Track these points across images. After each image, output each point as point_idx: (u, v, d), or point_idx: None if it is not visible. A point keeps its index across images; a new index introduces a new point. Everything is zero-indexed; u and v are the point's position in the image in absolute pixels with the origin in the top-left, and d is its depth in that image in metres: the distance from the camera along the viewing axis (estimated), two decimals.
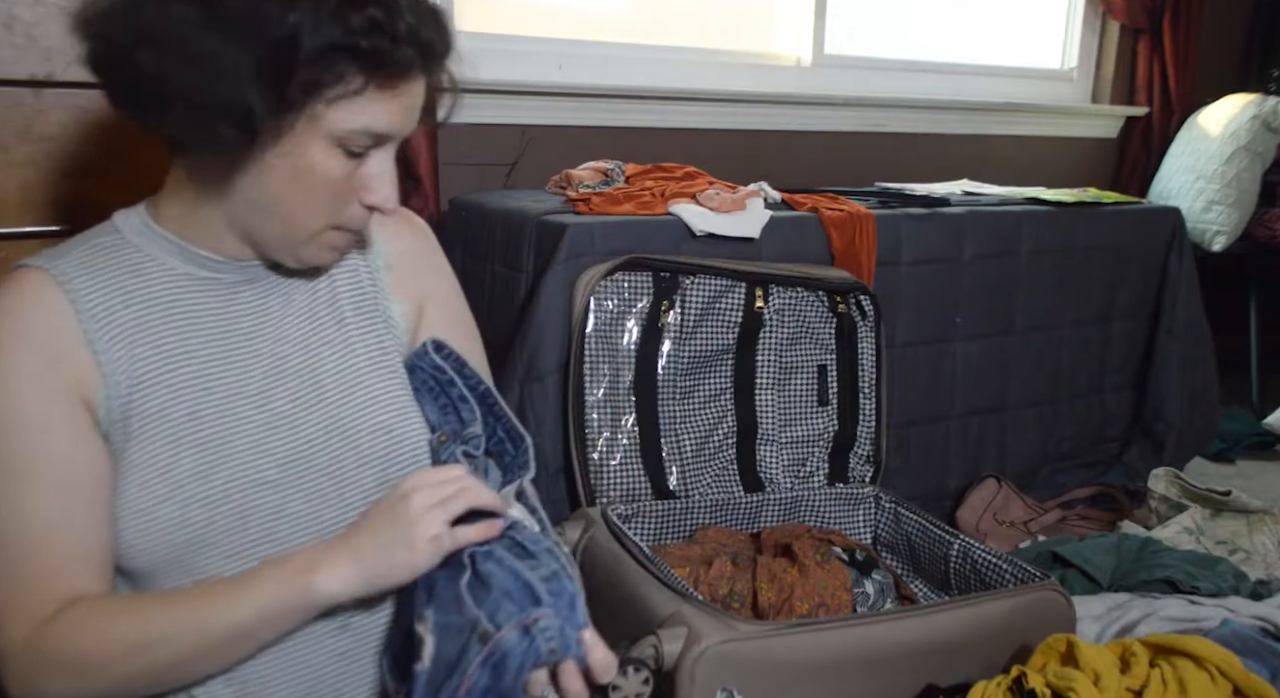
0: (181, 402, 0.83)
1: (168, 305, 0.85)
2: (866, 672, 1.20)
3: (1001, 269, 1.99)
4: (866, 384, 1.72)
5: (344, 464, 0.88)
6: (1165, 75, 2.92)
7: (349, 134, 0.79)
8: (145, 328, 0.84)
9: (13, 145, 1.24)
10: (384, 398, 0.91)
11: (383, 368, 0.93)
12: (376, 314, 0.96)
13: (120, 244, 0.86)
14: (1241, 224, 2.66)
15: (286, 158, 0.79)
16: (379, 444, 0.89)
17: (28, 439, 0.78)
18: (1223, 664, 1.13)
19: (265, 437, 0.85)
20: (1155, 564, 1.58)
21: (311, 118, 0.78)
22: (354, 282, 0.96)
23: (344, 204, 0.84)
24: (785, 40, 2.48)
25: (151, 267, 0.86)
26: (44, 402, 0.79)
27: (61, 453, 0.79)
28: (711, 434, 1.64)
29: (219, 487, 0.82)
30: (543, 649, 0.71)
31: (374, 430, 0.89)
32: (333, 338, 0.92)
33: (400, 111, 0.82)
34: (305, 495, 0.85)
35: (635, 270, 1.53)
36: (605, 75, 2.18)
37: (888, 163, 2.56)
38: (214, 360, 0.86)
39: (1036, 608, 1.28)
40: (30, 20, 1.22)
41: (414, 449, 0.91)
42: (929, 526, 1.56)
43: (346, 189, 0.83)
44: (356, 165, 0.82)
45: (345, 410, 0.89)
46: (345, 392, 0.90)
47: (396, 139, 0.84)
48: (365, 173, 0.83)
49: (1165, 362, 2.25)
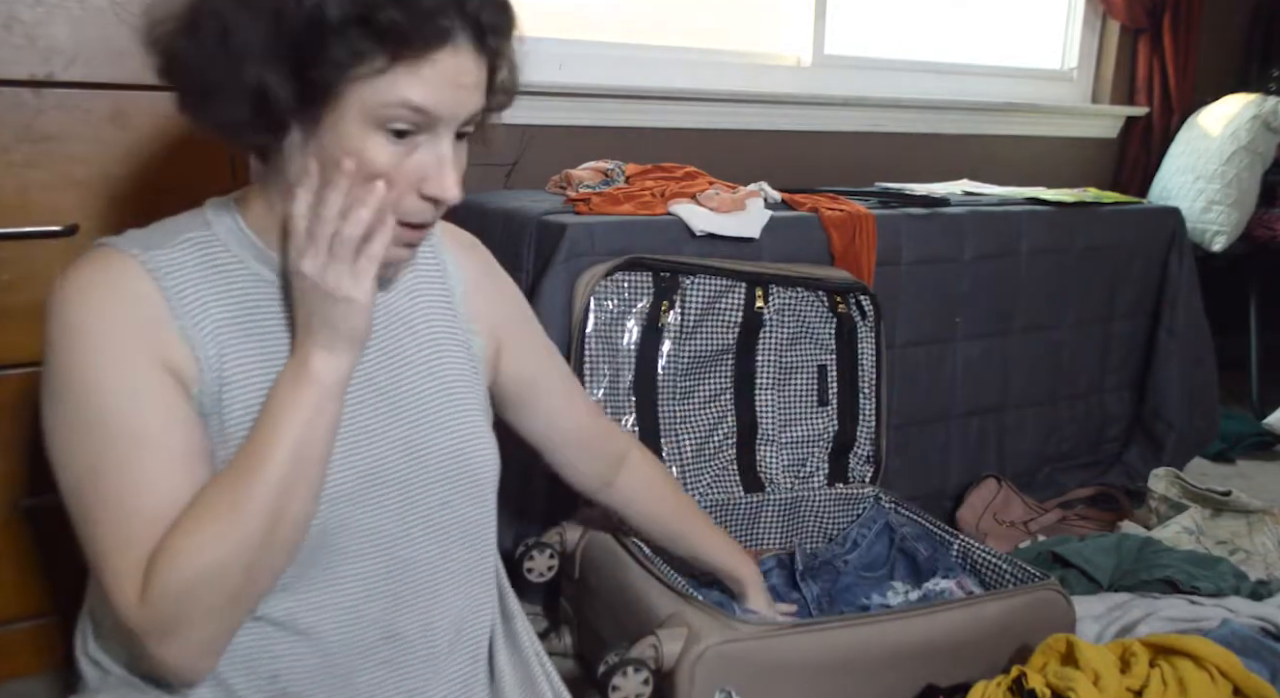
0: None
1: (252, 311, 0.83)
2: (866, 672, 1.20)
3: (1001, 269, 1.99)
4: (866, 384, 1.72)
5: (410, 484, 0.88)
6: (1165, 75, 2.92)
7: (384, 110, 0.75)
8: (234, 330, 0.82)
9: (13, 145, 1.24)
10: (454, 424, 0.92)
11: (458, 394, 0.93)
12: (455, 341, 0.95)
13: (211, 241, 0.84)
14: (1241, 224, 2.66)
15: (329, 146, 0.76)
16: (446, 467, 0.90)
17: (134, 406, 0.77)
18: (1223, 664, 1.13)
19: (349, 451, 0.84)
20: (1155, 564, 1.58)
21: (345, 99, 0.75)
22: (432, 304, 0.95)
23: (399, 195, 0.79)
24: (785, 40, 2.48)
25: (240, 270, 0.84)
26: (148, 372, 0.78)
27: (167, 422, 0.78)
28: (711, 434, 1.64)
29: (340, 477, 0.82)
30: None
31: (442, 454, 0.90)
32: (414, 358, 0.91)
33: (441, 86, 0.76)
34: (370, 510, 0.85)
35: (635, 270, 1.53)
36: (605, 75, 2.18)
37: (888, 163, 2.56)
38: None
39: (1036, 608, 1.28)
40: (30, 20, 1.22)
41: (477, 475, 0.93)
42: (929, 526, 1.56)
43: (400, 178, 0.78)
44: (408, 151, 0.78)
45: (418, 432, 0.89)
46: (420, 413, 0.90)
47: (450, 119, 0.79)
48: (420, 160, 0.79)
49: (1165, 362, 2.25)
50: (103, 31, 1.26)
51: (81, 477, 0.76)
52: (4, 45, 1.21)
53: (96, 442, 0.76)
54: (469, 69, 0.78)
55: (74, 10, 1.24)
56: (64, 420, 0.77)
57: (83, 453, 0.76)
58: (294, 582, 0.82)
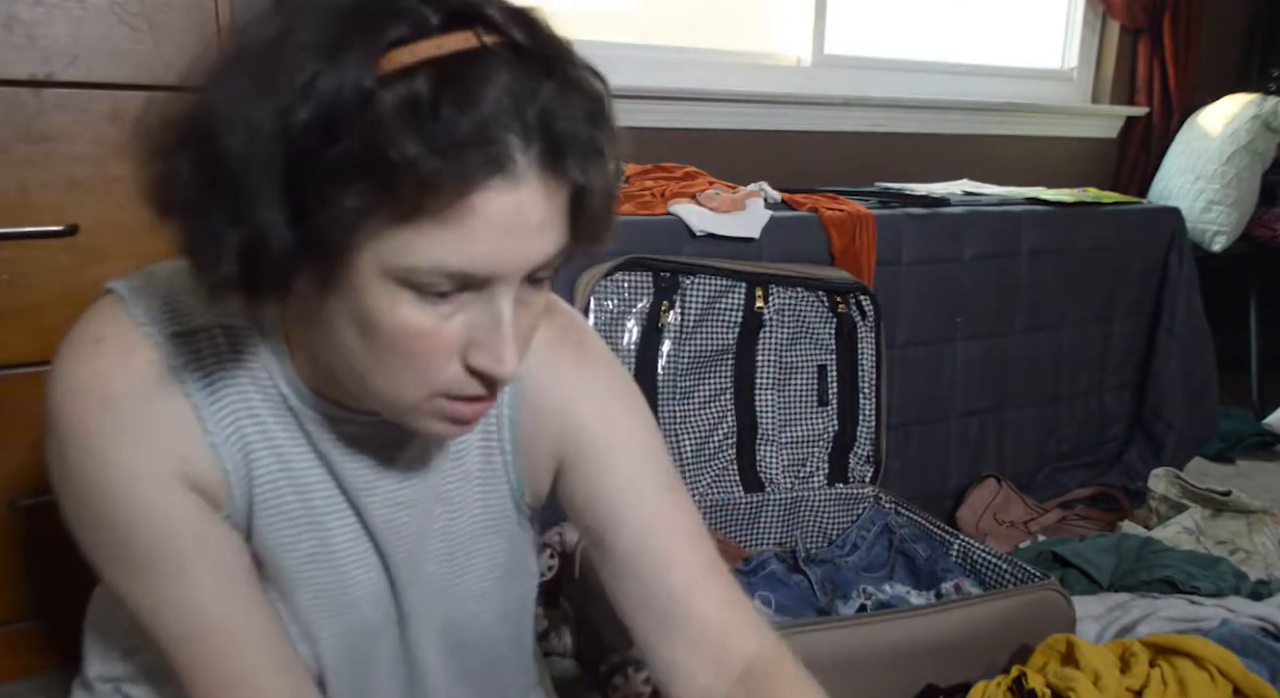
0: (304, 539, 0.73)
1: (285, 431, 0.71)
2: (866, 672, 1.19)
3: (1001, 269, 1.99)
4: (866, 384, 1.72)
5: (434, 624, 0.82)
6: (1165, 75, 2.92)
7: (410, 275, 0.56)
8: (265, 450, 0.70)
9: (13, 145, 1.24)
10: (486, 564, 0.81)
11: (495, 533, 0.81)
12: (500, 470, 0.80)
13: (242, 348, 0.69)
14: (1241, 224, 2.66)
15: (347, 304, 0.58)
16: (469, 608, 0.82)
17: (160, 529, 0.67)
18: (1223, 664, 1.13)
19: (378, 591, 0.77)
20: (1155, 564, 1.58)
21: (360, 250, 0.56)
22: (484, 427, 0.78)
23: (438, 367, 0.60)
24: (785, 40, 2.48)
25: (267, 383, 0.70)
26: (167, 491, 0.67)
27: (206, 541, 0.69)
28: (711, 434, 1.64)
29: (328, 637, 0.76)
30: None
31: (468, 597, 0.81)
32: (451, 494, 0.78)
33: (490, 237, 0.55)
34: (391, 646, 0.81)
35: (635, 270, 1.53)
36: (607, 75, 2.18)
37: (888, 163, 2.56)
38: (333, 498, 0.74)
39: (1036, 608, 1.28)
40: (30, 20, 1.22)
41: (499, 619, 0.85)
42: (929, 525, 1.56)
43: (438, 347, 0.59)
44: (449, 313, 0.59)
45: (441, 571, 0.80)
46: (449, 554, 0.79)
47: (509, 276, 0.58)
48: (468, 322, 0.59)
49: (1165, 362, 2.25)
50: (103, 31, 1.26)
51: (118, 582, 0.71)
52: (4, 45, 1.21)
53: (126, 564, 0.69)
54: (534, 205, 0.56)
55: (74, 10, 1.24)
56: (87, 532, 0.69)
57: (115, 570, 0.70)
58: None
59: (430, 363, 0.60)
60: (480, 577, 0.81)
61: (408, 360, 0.60)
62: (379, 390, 0.63)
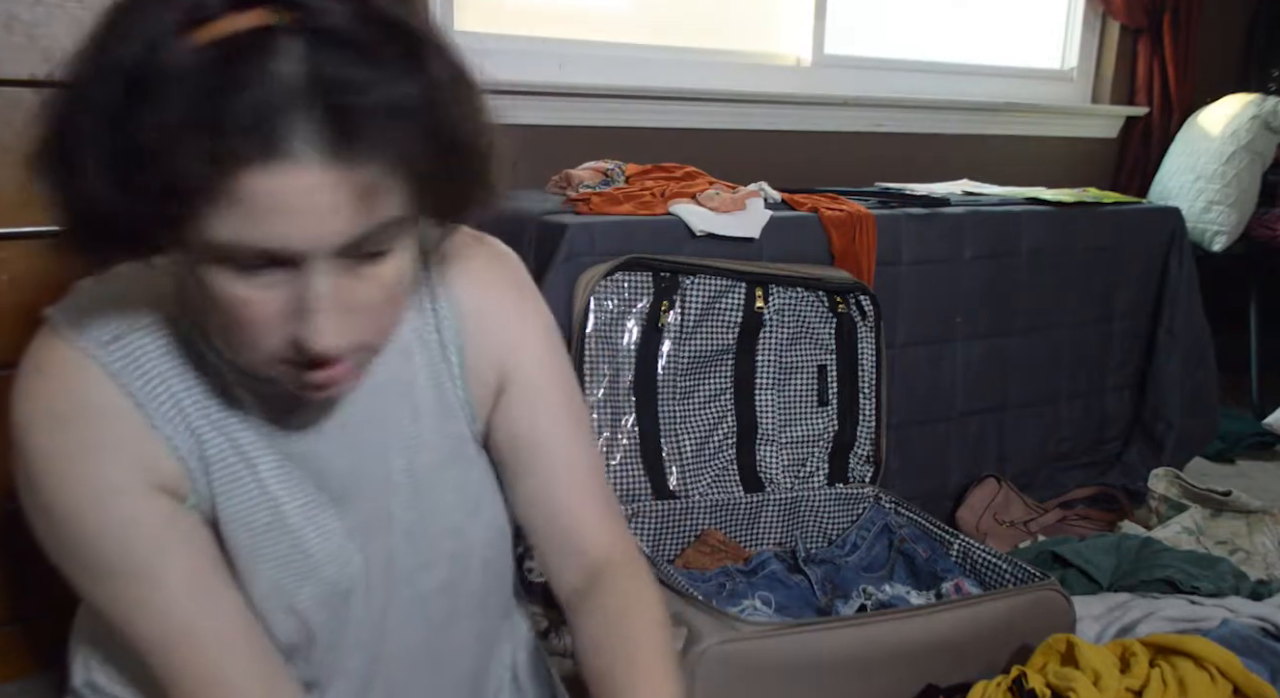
0: (259, 511, 0.75)
1: (228, 404, 0.73)
2: (866, 672, 1.20)
3: (1001, 269, 1.99)
4: (866, 384, 1.72)
5: (410, 567, 0.83)
6: (1165, 75, 2.92)
7: (214, 249, 0.58)
8: (210, 411, 0.73)
9: (13, 145, 1.24)
10: (454, 498, 0.83)
11: (457, 463, 0.84)
12: (452, 400, 0.83)
13: (178, 342, 0.72)
14: (1241, 224, 2.66)
15: (190, 270, 0.61)
16: (446, 546, 0.83)
17: (128, 538, 0.70)
18: (1223, 664, 1.13)
19: (337, 552, 0.78)
20: (1155, 564, 1.58)
21: (177, 222, 0.57)
22: (430, 365, 0.82)
23: (267, 335, 0.62)
24: (785, 40, 2.48)
25: (206, 368, 0.73)
26: (130, 498, 0.70)
27: (173, 545, 0.71)
28: (711, 434, 1.64)
29: (303, 601, 0.77)
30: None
31: (442, 533, 0.83)
32: (407, 432, 0.81)
33: (265, 220, 0.56)
34: (367, 600, 0.81)
35: (635, 270, 1.53)
36: (606, 75, 2.18)
37: (888, 163, 2.56)
38: (282, 467, 0.76)
39: (1036, 608, 1.28)
40: (30, 20, 1.22)
41: (481, 552, 0.86)
42: (929, 525, 1.56)
43: (261, 316, 0.61)
44: (268, 284, 0.60)
45: (412, 514, 0.81)
46: (415, 495, 0.81)
47: (310, 255, 0.58)
48: (287, 295, 0.60)
49: (1165, 362, 2.25)
50: None
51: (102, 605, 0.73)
52: (4, 45, 1.21)
53: (98, 576, 0.71)
54: (317, 187, 0.55)
55: (74, 10, 1.24)
56: (63, 553, 0.72)
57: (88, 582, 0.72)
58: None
59: (257, 330, 0.62)
60: (451, 512, 0.83)
61: (240, 326, 0.62)
62: (234, 351, 0.66)
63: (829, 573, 1.53)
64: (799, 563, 1.56)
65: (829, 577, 1.53)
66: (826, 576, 1.53)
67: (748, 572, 1.53)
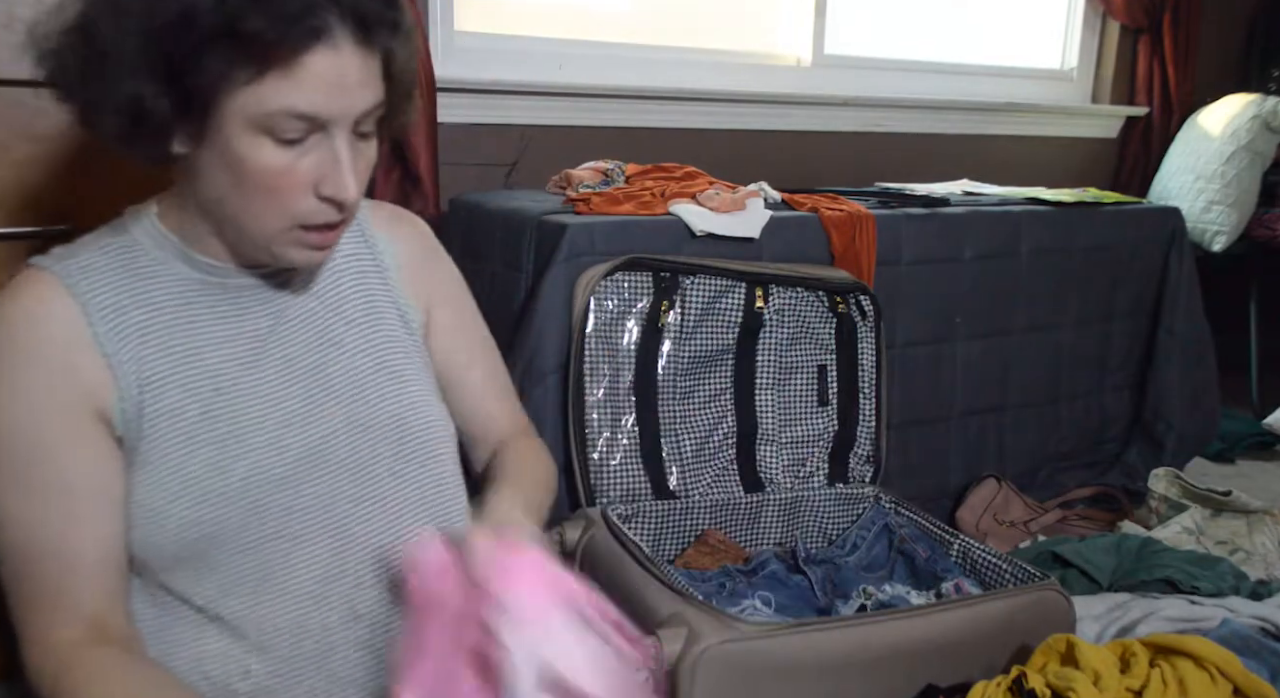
0: (194, 401, 0.83)
1: (176, 310, 0.85)
2: (866, 672, 1.20)
3: (1001, 269, 1.99)
4: (866, 384, 1.72)
5: (360, 457, 0.89)
6: (1165, 75, 2.92)
7: (267, 119, 0.74)
8: (155, 330, 0.84)
9: (13, 145, 1.24)
10: (394, 393, 0.93)
11: (396, 364, 0.95)
12: (387, 314, 0.97)
13: (130, 246, 0.86)
14: (1241, 224, 2.66)
15: (219, 154, 0.76)
16: (391, 436, 0.91)
17: (40, 457, 0.78)
18: (1223, 664, 1.13)
19: (281, 434, 0.86)
20: (1155, 564, 1.58)
21: (226, 108, 0.73)
22: (361, 284, 0.96)
23: (295, 199, 0.79)
24: (785, 40, 2.48)
25: (160, 270, 0.86)
26: (54, 417, 0.79)
27: (73, 470, 0.79)
28: (711, 434, 1.64)
29: (234, 483, 0.83)
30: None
31: (385, 423, 0.91)
32: (341, 337, 0.93)
33: (322, 88, 0.74)
34: (317, 491, 0.87)
35: (635, 270, 1.53)
36: (606, 75, 2.18)
37: (888, 163, 2.56)
38: (226, 362, 0.86)
39: (1036, 608, 1.28)
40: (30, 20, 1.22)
41: (424, 440, 0.94)
42: (929, 525, 1.56)
43: (294, 182, 0.78)
44: (299, 155, 0.77)
45: (358, 407, 0.91)
46: (357, 389, 0.91)
47: (340, 119, 0.77)
48: (316, 161, 0.78)
49: (1165, 362, 2.25)
50: None
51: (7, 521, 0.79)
52: (4, 45, 1.21)
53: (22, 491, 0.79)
54: (353, 67, 0.76)
55: None
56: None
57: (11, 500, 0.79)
58: (253, 576, 0.83)
59: (289, 196, 0.78)
60: (395, 401, 0.93)
61: (271, 195, 0.77)
62: (249, 227, 0.80)
63: (829, 573, 1.53)
64: (799, 563, 1.56)
65: (829, 577, 1.53)
66: (826, 576, 1.53)
67: (748, 572, 1.53)
